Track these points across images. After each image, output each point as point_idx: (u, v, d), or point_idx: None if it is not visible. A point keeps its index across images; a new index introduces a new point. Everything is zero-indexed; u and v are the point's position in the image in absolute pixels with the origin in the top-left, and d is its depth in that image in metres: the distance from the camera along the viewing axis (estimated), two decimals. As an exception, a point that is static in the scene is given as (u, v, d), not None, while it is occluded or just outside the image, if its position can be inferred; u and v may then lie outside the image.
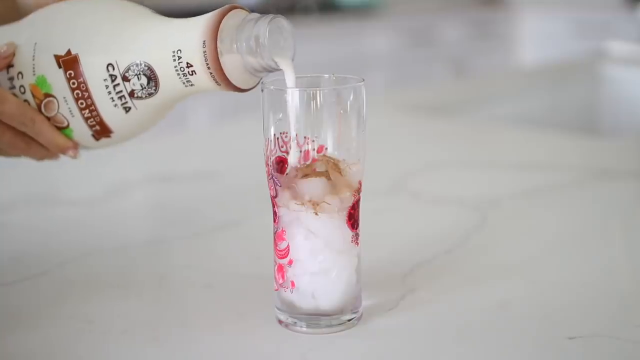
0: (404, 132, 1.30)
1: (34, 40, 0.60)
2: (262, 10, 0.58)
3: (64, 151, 0.62)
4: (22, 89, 0.61)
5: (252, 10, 0.58)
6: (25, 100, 0.61)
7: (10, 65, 0.61)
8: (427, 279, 0.68)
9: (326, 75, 0.59)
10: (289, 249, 0.58)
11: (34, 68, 0.60)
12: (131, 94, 0.58)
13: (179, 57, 0.56)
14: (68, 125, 0.60)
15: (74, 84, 0.58)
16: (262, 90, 0.58)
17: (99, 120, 0.59)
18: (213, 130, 1.69)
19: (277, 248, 0.59)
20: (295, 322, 0.59)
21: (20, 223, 0.86)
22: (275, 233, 0.59)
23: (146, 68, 0.57)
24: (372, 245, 0.70)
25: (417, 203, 0.91)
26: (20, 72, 0.60)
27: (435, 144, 1.22)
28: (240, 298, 0.65)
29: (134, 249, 0.77)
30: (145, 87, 0.57)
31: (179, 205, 0.92)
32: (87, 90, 0.58)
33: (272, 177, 0.58)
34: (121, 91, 0.58)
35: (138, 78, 0.57)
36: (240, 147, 1.17)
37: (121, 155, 1.20)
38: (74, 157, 0.62)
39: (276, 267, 0.60)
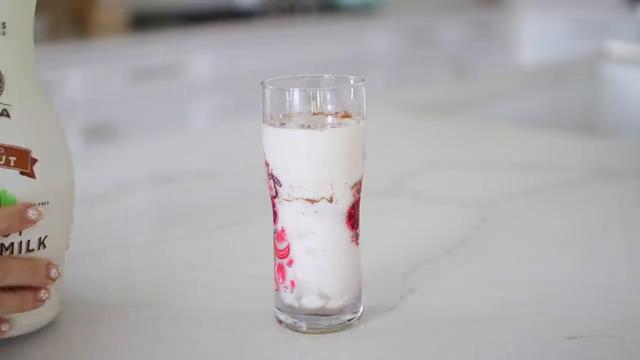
0: (404, 132, 1.30)
1: None
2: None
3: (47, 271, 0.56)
4: None
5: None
6: None
7: None
8: (427, 279, 0.68)
9: (326, 75, 0.59)
10: (289, 249, 0.58)
11: None
12: None
13: None
14: None
15: None
16: (262, 90, 0.58)
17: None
18: (213, 130, 1.69)
19: (277, 248, 0.59)
20: (295, 322, 0.59)
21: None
22: (275, 233, 0.59)
23: None
24: (372, 245, 0.70)
25: (417, 203, 0.91)
26: None
27: (435, 144, 1.22)
28: (240, 298, 0.65)
29: (135, 248, 0.77)
30: None
31: (179, 205, 0.92)
32: None
33: (272, 177, 0.58)
34: None
35: None
36: (240, 147, 1.17)
37: (122, 155, 1.20)
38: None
39: (276, 267, 0.60)
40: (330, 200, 0.57)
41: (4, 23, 0.54)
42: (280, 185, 0.57)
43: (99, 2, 2.81)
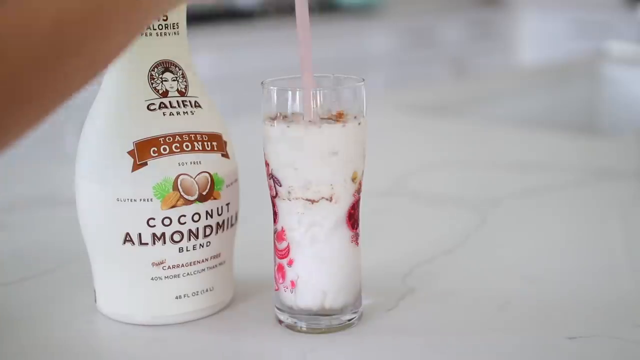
0: (404, 132, 1.30)
1: None
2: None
3: None
4: None
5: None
6: None
7: None
8: (427, 279, 0.68)
9: (326, 75, 0.59)
10: (289, 249, 0.58)
11: None
12: None
13: None
14: None
15: None
16: (262, 90, 0.58)
17: None
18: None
19: (277, 248, 0.59)
20: (295, 322, 0.59)
21: (20, 223, 0.86)
22: (275, 233, 0.59)
23: None
24: (372, 245, 0.70)
25: (417, 203, 0.91)
26: None
27: (435, 144, 1.22)
28: (240, 298, 0.65)
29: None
30: None
31: (179, 205, 0.92)
32: None
33: (272, 177, 0.58)
34: None
35: None
36: (240, 147, 1.16)
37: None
38: None
39: (276, 267, 0.60)
40: (330, 200, 0.57)
41: (177, 24, 0.59)
42: (280, 185, 0.57)
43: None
